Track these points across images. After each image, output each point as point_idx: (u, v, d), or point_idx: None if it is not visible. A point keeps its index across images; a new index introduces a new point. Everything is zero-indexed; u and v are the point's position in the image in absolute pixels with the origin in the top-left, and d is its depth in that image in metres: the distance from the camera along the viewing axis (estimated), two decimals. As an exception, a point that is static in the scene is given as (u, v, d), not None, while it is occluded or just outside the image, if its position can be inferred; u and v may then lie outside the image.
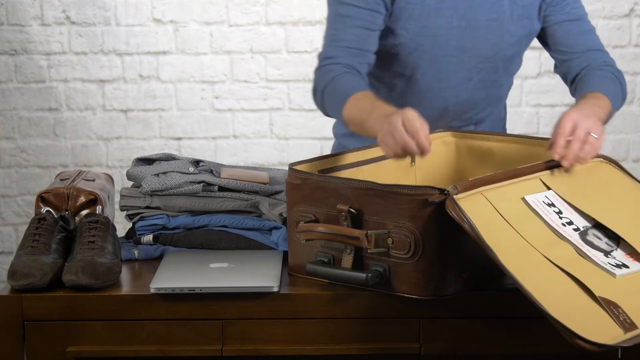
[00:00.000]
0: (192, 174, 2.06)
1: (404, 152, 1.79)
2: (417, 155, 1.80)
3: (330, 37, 2.17)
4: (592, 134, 1.87)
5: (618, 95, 2.19)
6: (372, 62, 2.17)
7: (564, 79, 2.31)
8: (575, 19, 2.28)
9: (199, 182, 2.03)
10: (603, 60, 2.26)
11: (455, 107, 2.27)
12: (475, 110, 2.30)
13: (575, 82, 2.25)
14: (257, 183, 2.07)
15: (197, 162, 2.11)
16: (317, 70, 2.15)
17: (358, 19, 2.14)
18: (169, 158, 2.13)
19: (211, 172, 2.09)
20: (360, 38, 2.14)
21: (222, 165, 2.17)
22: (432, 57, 2.21)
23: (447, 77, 2.24)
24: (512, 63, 2.30)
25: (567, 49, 2.28)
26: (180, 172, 2.05)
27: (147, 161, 2.15)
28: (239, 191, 2.04)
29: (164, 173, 2.05)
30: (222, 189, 2.04)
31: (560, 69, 2.30)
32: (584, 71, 2.24)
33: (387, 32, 2.18)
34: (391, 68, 2.24)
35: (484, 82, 2.27)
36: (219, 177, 2.06)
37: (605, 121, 2.04)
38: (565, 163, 1.85)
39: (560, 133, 1.86)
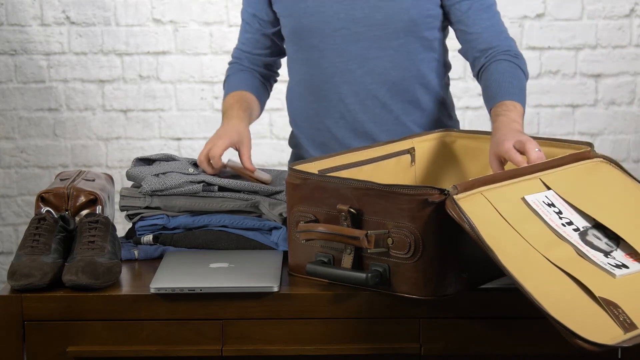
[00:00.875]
0: (192, 174, 2.06)
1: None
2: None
3: (238, 39, 2.48)
4: (536, 149, 1.91)
5: (524, 89, 2.21)
6: (268, 59, 2.44)
7: (466, 58, 2.32)
8: None
9: (198, 182, 2.03)
10: (498, 43, 2.25)
11: (363, 78, 2.28)
12: (390, 81, 2.30)
13: (476, 70, 2.27)
14: (258, 183, 2.07)
15: (196, 163, 2.11)
16: (229, 66, 2.48)
17: (250, 24, 2.42)
18: (169, 158, 2.13)
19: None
20: (252, 42, 2.43)
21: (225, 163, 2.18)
22: (323, 34, 2.27)
23: (344, 49, 2.27)
24: (418, 27, 2.28)
25: (464, 28, 2.29)
26: (180, 173, 2.05)
27: (147, 161, 2.15)
28: (239, 191, 2.04)
29: (164, 173, 2.05)
30: (222, 189, 2.04)
31: (461, 50, 2.32)
32: (484, 60, 2.24)
33: (281, 21, 2.35)
34: (297, 50, 2.35)
35: (386, 50, 2.27)
36: (219, 177, 2.07)
37: (522, 123, 2.10)
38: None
39: (512, 159, 1.91)
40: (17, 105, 3.79)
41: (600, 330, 1.52)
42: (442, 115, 2.38)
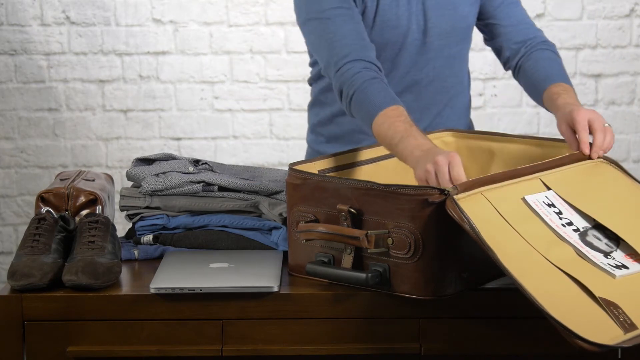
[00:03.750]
0: (191, 173, 2.06)
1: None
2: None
3: (327, 42, 2.12)
4: (605, 124, 1.94)
5: (566, 74, 2.22)
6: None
7: (496, 53, 2.35)
8: None
9: (198, 182, 2.03)
10: (534, 35, 2.29)
11: (427, 88, 2.29)
12: (445, 89, 2.31)
13: (514, 62, 2.29)
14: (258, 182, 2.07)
15: (196, 162, 2.11)
16: (339, 71, 2.08)
17: (346, 17, 2.13)
18: (169, 158, 2.13)
19: (212, 170, 2.09)
20: (359, 31, 2.13)
21: (222, 164, 2.18)
22: (400, 47, 2.25)
23: (416, 60, 2.27)
24: (468, 34, 2.32)
25: (496, 22, 2.31)
26: (180, 172, 2.05)
27: (147, 161, 2.15)
28: (239, 191, 2.04)
29: (164, 173, 2.05)
30: (222, 188, 2.04)
31: (491, 42, 2.34)
32: (524, 51, 2.26)
33: None
34: None
35: (447, 58, 2.29)
36: (219, 173, 2.07)
37: None
38: (594, 155, 1.92)
39: (581, 130, 1.93)
40: (17, 105, 3.79)
41: (600, 330, 1.52)
42: (469, 114, 2.44)
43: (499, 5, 2.30)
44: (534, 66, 2.22)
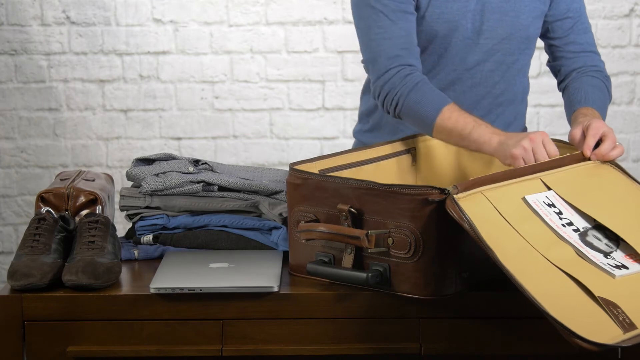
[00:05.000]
0: (191, 173, 2.06)
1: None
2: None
3: (377, 35, 2.14)
4: (618, 142, 1.98)
5: (605, 106, 2.23)
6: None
7: (554, 74, 2.34)
8: (574, 16, 2.29)
9: (198, 182, 2.03)
10: (594, 64, 2.29)
11: (471, 89, 2.28)
12: (492, 94, 2.30)
13: (565, 82, 2.28)
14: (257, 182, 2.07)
15: (196, 162, 2.11)
16: (387, 72, 2.11)
17: (399, 12, 2.14)
18: (169, 158, 2.13)
19: (212, 170, 2.09)
20: (407, 30, 2.15)
21: (222, 164, 2.17)
22: (449, 42, 2.23)
23: (464, 59, 2.25)
24: (528, 45, 2.30)
25: (562, 46, 2.31)
26: (180, 172, 2.05)
27: (147, 161, 2.15)
28: (238, 191, 2.04)
29: (164, 173, 2.05)
30: (222, 188, 2.04)
31: (552, 64, 2.33)
32: (576, 74, 2.27)
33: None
34: (420, 54, 2.24)
35: (500, 64, 2.27)
36: (219, 172, 2.07)
37: None
38: (593, 157, 1.94)
39: (591, 134, 1.96)
40: (17, 105, 3.79)
41: (599, 330, 1.52)
42: (519, 128, 2.41)
43: (569, 29, 2.29)
44: (577, 87, 2.23)
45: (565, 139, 2.05)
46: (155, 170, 2.07)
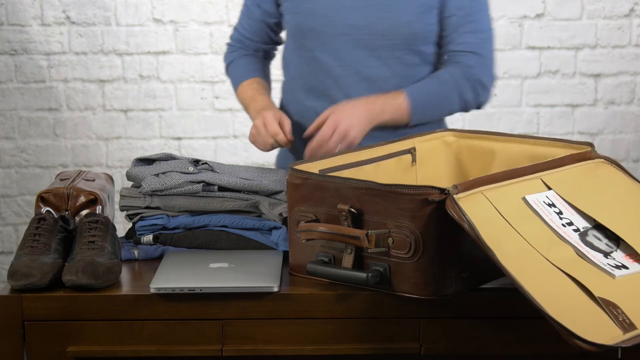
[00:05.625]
0: (191, 173, 2.06)
1: (272, 147, 2.25)
2: (284, 146, 2.23)
3: (238, 21, 2.50)
4: (347, 136, 2.13)
5: (432, 93, 2.28)
6: (266, 47, 2.49)
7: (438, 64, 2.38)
8: (459, 14, 2.29)
9: (198, 182, 2.03)
10: (466, 63, 2.29)
11: (358, 85, 2.31)
12: (383, 90, 2.31)
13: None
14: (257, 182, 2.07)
15: (196, 162, 2.11)
16: (227, 45, 2.52)
17: (253, 12, 2.44)
18: (169, 158, 2.13)
19: (212, 170, 2.09)
20: (253, 29, 2.46)
21: (222, 164, 2.17)
22: (326, 37, 2.29)
23: (344, 55, 2.29)
24: (417, 41, 2.30)
25: (444, 45, 2.33)
26: (180, 172, 2.05)
27: (147, 161, 2.15)
28: (239, 191, 2.04)
29: (164, 173, 2.05)
30: (222, 189, 2.04)
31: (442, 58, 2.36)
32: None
33: (285, 17, 2.37)
34: (299, 47, 2.37)
35: (385, 59, 2.30)
36: (219, 172, 2.07)
37: (401, 120, 2.27)
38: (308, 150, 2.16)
39: (314, 125, 2.18)
40: (17, 105, 3.79)
41: (599, 330, 1.52)
42: (433, 125, 2.39)
43: (453, 28, 2.29)
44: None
45: (566, 137, 2.05)
46: (155, 170, 2.07)
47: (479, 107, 2.36)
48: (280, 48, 2.51)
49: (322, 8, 2.29)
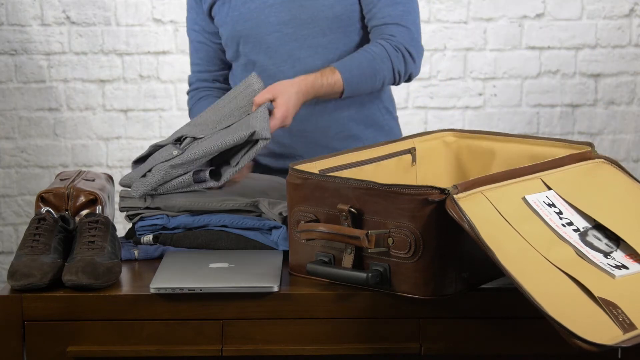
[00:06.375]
0: (175, 157, 2.04)
1: None
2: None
3: (190, 66, 2.51)
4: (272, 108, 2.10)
5: (361, 65, 2.27)
6: (225, 73, 2.48)
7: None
8: None
9: (184, 173, 2.02)
10: (390, 33, 2.30)
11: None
12: None
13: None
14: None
15: (178, 140, 2.09)
16: (188, 97, 2.51)
17: (200, 42, 2.45)
18: (155, 149, 2.12)
19: (194, 139, 2.08)
20: (206, 59, 2.46)
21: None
22: (257, 39, 2.34)
23: (276, 51, 2.33)
24: (343, 23, 2.33)
25: (367, 21, 2.35)
26: (164, 162, 2.03)
27: (142, 160, 2.15)
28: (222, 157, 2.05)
29: (149, 171, 2.04)
30: (213, 173, 2.03)
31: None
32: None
33: (219, 31, 2.41)
34: (236, 56, 2.40)
35: (316, 48, 2.33)
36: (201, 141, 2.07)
37: (334, 93, 2.25)
38: None
39: (255, 100, 2.12)
40: (17, 105, 3.79)
41: (599, 330, 1.52)
42: (377, 110, 2.44)
43: (372, 3, 2.32)
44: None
45: (566, 137, 2.05)
46: (142, 170, 2.06)
47: (409, 79, 2.37)
48: None
49: (247, 11, 2.33)
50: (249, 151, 2.04)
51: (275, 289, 1.76)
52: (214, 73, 2.48)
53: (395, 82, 2.36)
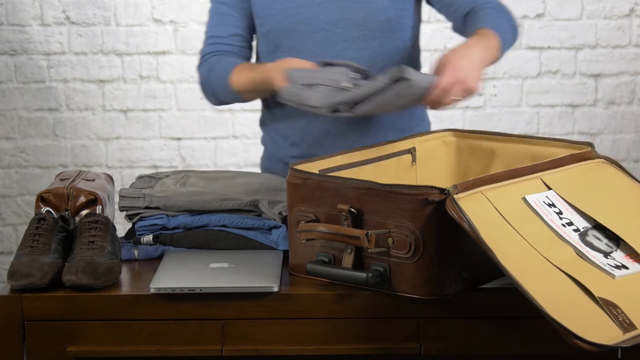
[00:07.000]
0: (345, 88, 1.97)
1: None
2: None
3: (207, 28, 2.40)
4: (465, 87, 1.95)
5: (505, 26, 2.19)
6: (244, 42, 2.36)
7: (458, 32, 2.32)
8: None
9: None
10: (489, 3, 2.24)
11: None
12: None
13: (464, 25, 2.27)
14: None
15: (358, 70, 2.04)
16: (199, 68, 2.37)
17: (229, 5, 2.35)
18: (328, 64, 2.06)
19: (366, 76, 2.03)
20: (232, 20, 2.35)
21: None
22: (303, 35, 2.28)
23: (324, 51, 2.28)
24: (393, 28, 2.30)
25: (449, 2, 2.29)
26: (332, 87, 1.98)
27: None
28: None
29: (314, 85, 2.00)
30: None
31: (453, 25, 2.32)
32: (469, 15, 2.24)
33: (256, 21, 2.33)
34: (275, 50, 2.32)
35: (363, 51, 2.29)
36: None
37: (496, 58, 2.12)
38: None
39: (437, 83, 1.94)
40: (17, 105, 3.79)
41: (599, 330, 1.52)
42: (413, 116, 2.40)
43: None
44: (470, 20, 2.22)
45: (566, 137, 2.05)
46: (305, 80, 1.99)
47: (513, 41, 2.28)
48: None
49: (295, 6, 2.28)
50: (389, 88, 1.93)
51: (275, 289, 1.76)
52: (238, 39, 2.36)
53: (512, 42, 2.27)
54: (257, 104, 3.81)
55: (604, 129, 3.84)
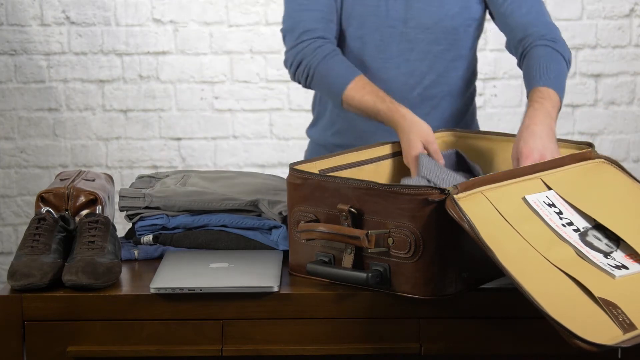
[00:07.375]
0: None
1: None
2: None
3: (299, 7, 2.26)
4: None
5: (561, 74, 2.17)
6: (335, 35, 2.29)
7: (511, 52, 2.31)
8: None
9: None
10: (543, 33, 2.22)
11: (397, 79, 2.28)
12: (422, 86, 2.30)
13: (521, 60, 2.25)
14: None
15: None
16: (301, 44, 2.24)
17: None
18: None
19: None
20: (328, 6, 2.25)
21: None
22: (373, 27, 2.26)
23: (388, 46, 2.27)
24: (458, 37, 2.30)
25: (505, 19, 2.28)
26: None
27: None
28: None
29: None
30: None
31: (506, 43, 2.32)
32: (526, 51, 2.22)
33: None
34: (340, 37, 2.30)
35: (426, 54, 2.28)
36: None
37: (557, 114, 2.08)
38: None
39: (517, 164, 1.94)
40: (17, 105, 3.79)
41: (599, 330, 1.52)
42: (462, 122, 2.39)
43: (505, 3, 2.26)
44: (525, 66, 2.20)
45: (566, 138, 2.05)
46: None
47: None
48: None
49: None
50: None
51: (275, 289, 1.76)
52: (334, 25, 2.28)
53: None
54: (257, 104, 3.82)
55: (604, 129, 3.84)
